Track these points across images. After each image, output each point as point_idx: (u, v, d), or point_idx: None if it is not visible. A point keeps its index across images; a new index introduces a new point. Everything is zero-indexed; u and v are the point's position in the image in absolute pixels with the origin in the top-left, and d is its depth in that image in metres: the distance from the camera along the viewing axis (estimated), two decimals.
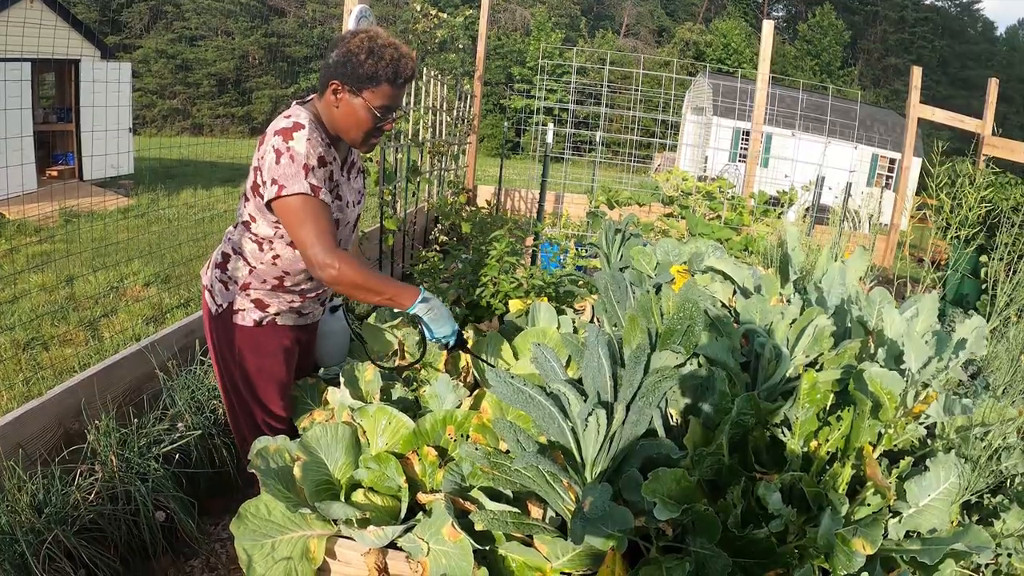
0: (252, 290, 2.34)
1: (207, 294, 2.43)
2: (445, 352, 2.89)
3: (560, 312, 3.32)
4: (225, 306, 2.36)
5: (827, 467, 1.88)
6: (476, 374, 2.77)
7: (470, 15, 7.63)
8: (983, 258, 5.42)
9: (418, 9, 6.31)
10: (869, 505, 1.77)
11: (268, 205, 2.14)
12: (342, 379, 2.59)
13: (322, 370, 2.82)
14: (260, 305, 2.37)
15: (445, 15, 6.68)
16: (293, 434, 2.43)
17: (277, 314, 2.40)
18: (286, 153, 2.06)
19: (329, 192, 2.21)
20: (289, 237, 2.19)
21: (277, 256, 2.28)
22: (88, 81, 11.49)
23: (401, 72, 2.15)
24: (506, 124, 16.33)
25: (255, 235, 2.27)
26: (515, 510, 1.88)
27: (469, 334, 3.01)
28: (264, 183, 2.11)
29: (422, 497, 2.11)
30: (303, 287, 2.41)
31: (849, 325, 2.29)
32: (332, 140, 2.27)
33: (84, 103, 11.59)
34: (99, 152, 11.45)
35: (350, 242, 2.50)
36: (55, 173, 11.67)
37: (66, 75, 12.05)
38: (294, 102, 2.28)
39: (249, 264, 2.32)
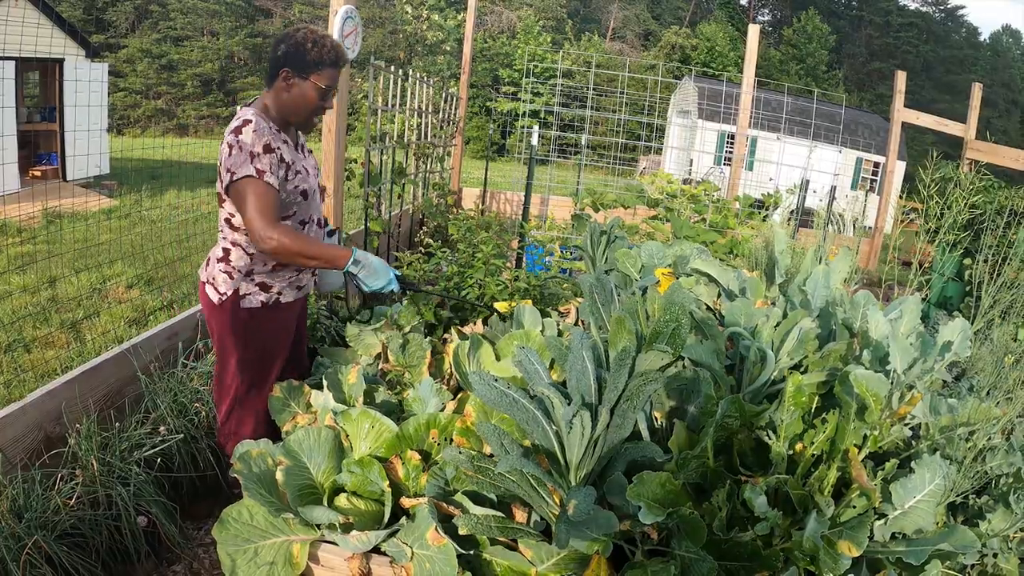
0: (256, 274, 2.57)
1: (208, 287, 2.59)
2: (428, 355, 2.88)
3: (545, 315, 3.31)
4: (229, 294, 2.53)
5: (812, 470, 1.88)
6: (459, 377, 2.76)
7: (460, 19, 7.61)
8: (967, 261, 5.46)
9: (409, 12, 6.29)
10: (855, 507, 1.77)
11: (227, 192, 2.40)
12: (325, 382, 2.58)
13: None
14: (264, 287, 2.59)
15: (438, 17, 6.67)
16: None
17: (280, 293, 2.63)
18: (236, 145, 2.35)
19: (284, 170, 2.46)
20: None
21: None
22: (71, 80, 11.40)
23: (340, 56, 2.53)
24: (492, 127, 16.34)
25: (240, 228, 2.49)
26: (499, 514, 1.88)
27: (452, 336, 3.00)
28: (222, 176, 2.39)
29: (406, 501, 2.10)
30: None
31: (834, 327, 2.29)
32: (281, 126, 2.54)
33: (67, 103, 11.49)
34: (81, 152, 11.36)
35: (320, 208, 2.78)
36: (38, 173, 11.55)
37: (50, 74, 11.94)
38: (239, 106, 2.55)
39: (247, 252, 2.54)
